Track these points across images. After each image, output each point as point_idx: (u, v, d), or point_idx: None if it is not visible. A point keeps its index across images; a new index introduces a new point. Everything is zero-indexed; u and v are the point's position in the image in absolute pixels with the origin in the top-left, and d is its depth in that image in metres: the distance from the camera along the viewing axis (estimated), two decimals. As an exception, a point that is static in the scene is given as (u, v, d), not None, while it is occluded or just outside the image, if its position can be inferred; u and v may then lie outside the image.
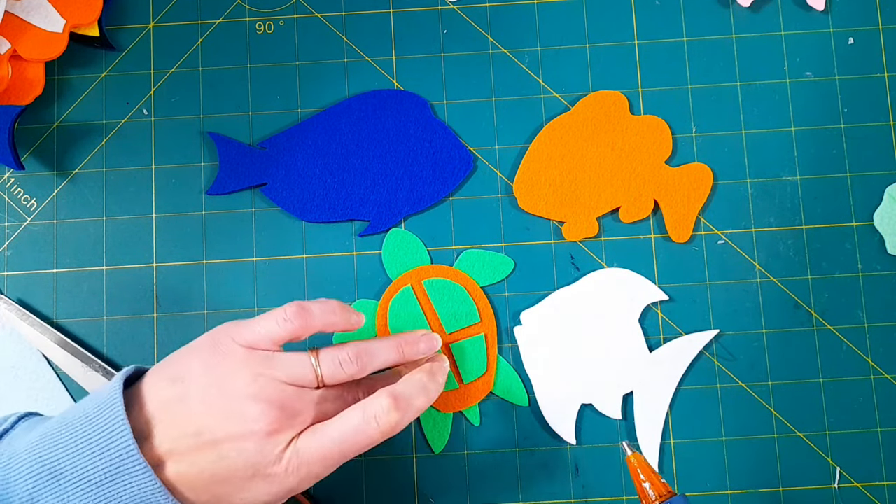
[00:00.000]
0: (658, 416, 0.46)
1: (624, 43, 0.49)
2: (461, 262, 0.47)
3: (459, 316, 0.46)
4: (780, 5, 0.49)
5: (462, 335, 0.46)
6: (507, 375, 0.46)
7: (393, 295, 0.46)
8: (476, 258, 0.47)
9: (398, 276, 0.47)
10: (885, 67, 0.48)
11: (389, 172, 0.47)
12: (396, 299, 0.46)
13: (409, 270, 0.47)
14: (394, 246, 0.47)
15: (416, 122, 0.48)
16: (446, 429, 0.46)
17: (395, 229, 0.47)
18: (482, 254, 0.47)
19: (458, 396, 0.46)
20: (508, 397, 0.46)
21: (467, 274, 0.47)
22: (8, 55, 0.46)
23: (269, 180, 0.47)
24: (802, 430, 0.46)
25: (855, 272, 0.47)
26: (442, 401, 0.46)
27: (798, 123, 0.48)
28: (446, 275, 0.46)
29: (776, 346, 0.46)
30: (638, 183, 0.47)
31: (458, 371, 0.46)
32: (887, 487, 0.46)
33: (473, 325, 0.46)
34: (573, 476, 0.46)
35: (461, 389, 0.46)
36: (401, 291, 0.46)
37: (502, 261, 0.47)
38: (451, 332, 0.46)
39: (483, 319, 0.46)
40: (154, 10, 0.49)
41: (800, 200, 0.47)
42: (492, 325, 0.46)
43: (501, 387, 0.46)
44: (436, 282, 0.46)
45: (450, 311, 0.46)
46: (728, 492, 0.46)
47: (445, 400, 0.46)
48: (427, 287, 0.46)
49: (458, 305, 0.46)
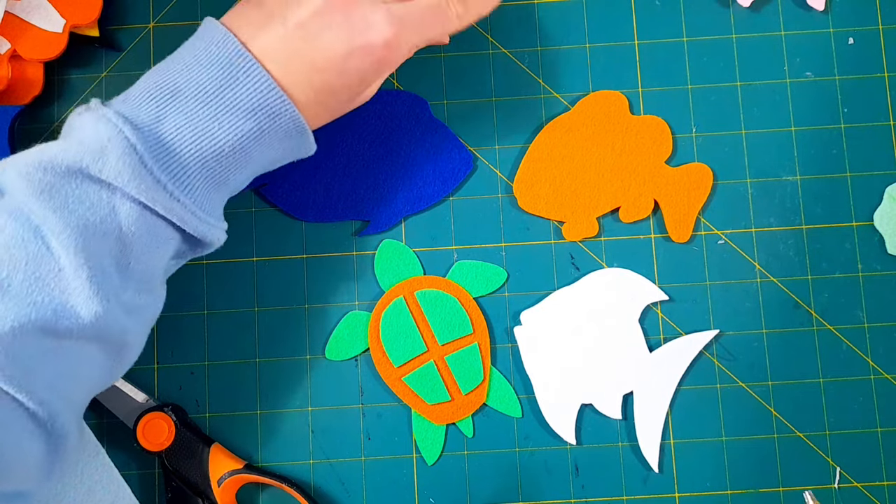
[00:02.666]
0: (658, 416, 0.46)
1: (624, 43, 0.49)
2: (454, 273, 0.47)
3: (452, 327, 0.46)
4: (780, 5, 0.49)
5: (455, 346, 0.46)
6: (500, 386, 0.46)
7: (385, 306, 0.46)
8: (469, 269, 0.47)
9: (390, 287, 0.47)
10: (885, 67, 0.48)
11: (389, 173, 0.47)
12: (389, 310, 0.46)
13: (401, 281, 0.47)
14: (386, 257, 0.47)
15: (417, 123, 0.48)
16: (439, 441, 0.46)
17: (387, 240, 0.47)
18: (475, 265, 0.47)
19: (452, 408, 0.46)
20: (502, 408, 0.46)
21: (460, 285, 0.47)
22: (8, 55, 0.46)
23: (270, 181, 0.47)
24: (802, 430, 0.46)
25: (855, 272, 0.47)
26: (435, 413, 0.46)
27: (798, 123, 0.48)
28: (439, 286, 0.46)
29: (776, 346, 0.46)
30: (638, 183, 0.47)
31: (453, 383, 0.46)
32: (887, 488, 0.46)
33: (466, 336, 0.46)
34: (573, 476, 0.46)
35: (455, 401, 0.46)
36: (393, 303, 0.46)
37: (495, 271, 0.47)
38: (444, 344, 0.46)
39: (476, 330, 0.46)
40: (154, 10, 0.49)
41: (800, 200, 0.47)
42: (485, 335, 0.46)
43: (495, 398, 0.46)
44: (428, 293, 0.46)
45: (442, 323, 0.46)
46: (728, 492, 0.46)
47: (439, 412, 0.46)
48: (419, 298, 0.46)
49: (451, 316, 0.46)
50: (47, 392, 0.33)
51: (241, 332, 0.47)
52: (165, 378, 0.47)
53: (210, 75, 0.36)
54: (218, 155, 0.36)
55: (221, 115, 0.36)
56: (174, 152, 0.35)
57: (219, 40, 0.36)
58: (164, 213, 0.35)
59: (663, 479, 0.46)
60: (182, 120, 0.35)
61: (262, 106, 0.36)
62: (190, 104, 0.36)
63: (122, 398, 0.45)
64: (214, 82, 0.36)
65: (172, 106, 0.35)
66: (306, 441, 0.46)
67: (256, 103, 0.36)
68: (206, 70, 0.36)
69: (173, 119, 0.35)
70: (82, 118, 0.35)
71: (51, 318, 0.33)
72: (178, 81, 0.36)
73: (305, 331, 0.47)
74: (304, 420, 0.46)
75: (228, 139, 0.36)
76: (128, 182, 0.34)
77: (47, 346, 0.33)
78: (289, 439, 0.46)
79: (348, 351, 0.47)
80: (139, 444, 0.44)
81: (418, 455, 0.46)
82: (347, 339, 0.47)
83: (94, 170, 0.34)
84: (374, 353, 0.46)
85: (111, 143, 0.34)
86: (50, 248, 0.33)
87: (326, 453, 0.46)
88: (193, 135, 0.35)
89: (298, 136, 0.38)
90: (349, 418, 0.46)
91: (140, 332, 0.37)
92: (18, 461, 0.33)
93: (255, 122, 0.36)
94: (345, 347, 0.47)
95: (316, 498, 0.46)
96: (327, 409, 0.46)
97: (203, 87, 0.36)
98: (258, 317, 0.47)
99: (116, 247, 0.35)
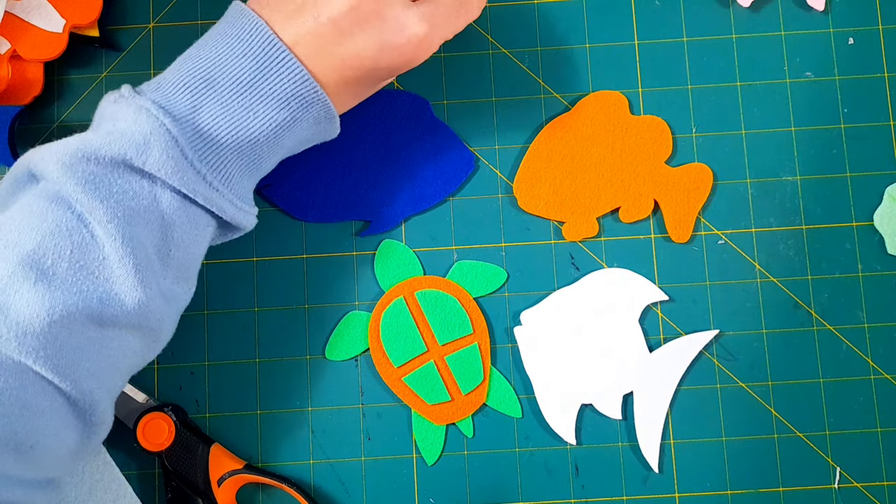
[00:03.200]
0: (658, 416, 0.46)
1: (624, 43, 0.49)
2: (454, 273, 0.47)
3: (452, 327, 0.46)
4: (780, 5, 0.49)
5: (455, 346, 0.46)
6: (500, 387, 0.46)
7: (385, 306, 0.46)
8: (469, 269, 0.47)
9: (390, 287, 0.47)
10: (885, 67, 0.48)
11: (391, 173, 0.47)
12: (389, 310, 0.46)
13: (401, 281, 0.47)
14: (386, 257, 0.47)
15: (418, 123, 0.48)
16: (439, 441, 0.46)
17: (387, 240, 0.47)
18: (475, 265, 0.47)
19: (452, 409, 0.46)
20: (501, 408, 0.46)
21: (460, 285, 0.47)
22: (8, 55, 0.46)
23: (272, 182, 0.47)
24: (802, 430, 0.46)
25: (855, 272, 0.47)
26: (435, 413, 0.46)
27: (798, 123, 0.48)
28: (439, 286, 0.46)
29: (776, 346, 0.46)
30: (638, 183, 0.47)
31: (453, 383, 0.46)
32: (887, 488, 0.46)
33: (466, 336, 0.46)
34: (573, 476, 0.46)
35: (455, 401, 0.46)
36: (393, 303, 0.46)
37: (495, 272, 0.47)
38: (444, 344, 0.46)
39: (476, 330, 0.46)
40: (154, 11, 0.49)
41: (800, 200, 0.47)
42: (485, 336, 0.46)
43: (495, 398, 0.46)
44: (428, 293, 0.46)
45: (442, 323, 0.46)
46: (728, 492, 0.46)
47: (438, 412, 0.46)
48: (419, 298, 0.46)
49: (451, 316, 0.46)
50: (90, 381, 0.34)
51: (241, 332, 0.47)
52: (165, 378, 0.47)
53: (244, 66, 0.36)
54: (253, 144, 0.37)
55: (256, 105, 0.36)
56: (212, 143, 0.36)
57: (251, 28, 0.36)
58: (203, 203, 0.36)
59: (663, 480, 0.46)
60: (218, 110, 0.36)
61: (295, 96, 0.37)
62: (225, 94, 0.36)
63: (122, 398, 0.45)
64: (249, 72, 0.36)
65: (208, 96, 0.36)
66: (306, 441, 0.46)
67: (290, 93, 0.36)
68: (240, 61, 0.36)
69: (209, 109, 0.36)
70: (119, 108, 0.35)
71: (96, 306, 0.33)
72: (212, 71, 0.36)
73: (305, 331, 0.47)
74: (304, 420, 0.46)
75: (263, 128, 0.37)
76: (171, 174, 0.34)
77: (91, 334, 0.33)
78: (289, 439, 0.46)
79: (348, 351, 0.47)
80: (139, 444, 0.44)
81: (418, 455, 0.46)
82: (347, 340, 0.47)
83: (137, 162, 0.34)
84: (374, 353, 0.46)
85: (154, 137, 0.34)
86: (95, 237, 0.33)
87: (326, 453, 0.46)
88: (230, 125, 0.36)
89: (327, 122, 0.39)
90: (349, 418, 0.46)
91: (174, 319, 0.38)
92: (55, 449, 0.33)
93: (289, 111, 0.37)
94: (345, 347, 0.47)
95: (316, 498, 0.46)
96: (327, 409, 0.46)
97: (237, 78, 0.36)
98: (258, 317, 0.47)
99: (158, 235, 0.35)
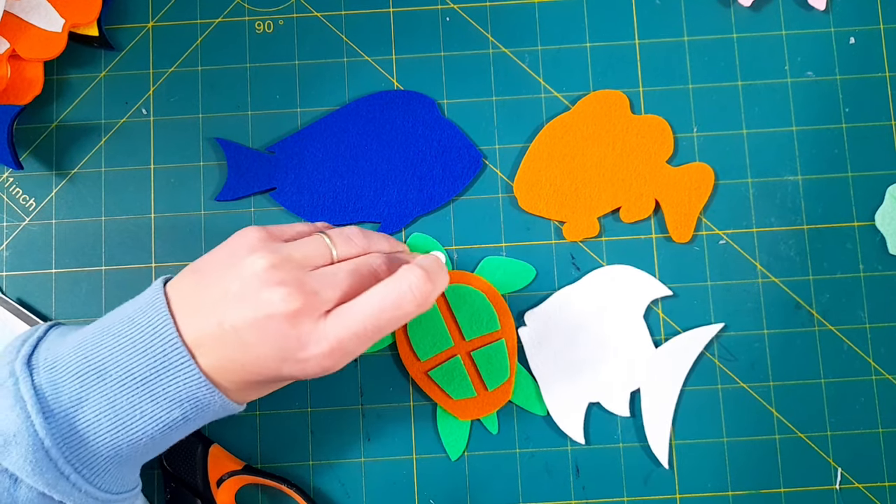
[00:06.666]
0: (666, 411, 0.45)
1: (624, 42, 0.48)
2: (482, 269, 0.47)
3: (479, 323, 0.46)
4: (780, 5, 0.49)
5: (481, 342, 0.46)
6: (526, 384, 0.46)
7: None
8: (497, 265, 0.47)
9: None
10: (887, 67, 0.48)
11: (399, 173, 0.47)
12: None
13: None
14: (414, 251, 0.47)
15: (424, 122, 0.48)
16: (463, 437, 0.46)
17: (416, 234, 0.47)
18: (503, 261, 0.47)
19: (477, 404, 0.45)
20: (527, 406, 0.46)
21: (488, 281, 0.46)
22: (7, 55, 0.46)
23: (279, 185, 0.47)
24: (804, 430, 0.46)
25: (856, 272, 0.47)
26: (460, 408, 0.45)
27: (799, 123, 0.48)
28: (467, 281, 0.46)
29: (777, 346, 0.46)
30: (639, 183, 0.47)
31: (480, 379, 0.46)
32: (888, 488, 0.45)
33: (493, 332, 0.46)
34: (573, 477, 0.46)
35: (480, 397, 0.45)
36: None
37: (524, 268, 0.47)
38: (471, 339, 0.46)
39: (503, 326, 0.46)
40: (153, 10, 0.49)
41: (801, 200, 0.47)
42: (512, 332, 0.46)
43: (520, 395, 0.46)
44: (456, 287, 0.46)
45: (469, 318, 0.46)
46: (729, 493, 0.45)
47: (464, 408, 0.45)
48: (447, 293, 0.46)
49: (478, 312, 0.46)
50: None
51: (241, 333, 0.47)
52: (165, 378, 0.47)
53: (140, 361, 0.35)
54: (134, 443, 0.36)
55: (145, 404, 0.35)
56: (86, 443, 0.35)
57: (156, 323, 0.35)
58: (63, 500, 0.35)
59: (664, 480, 0.46)
60: (104, 405, 0.35)
61: (189, 398, 0.36)
62: (115, 389, 0.35)
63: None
64: (144, 369, 0.35)
65: (96, 388, 0.35)
66: (306, 442, 0.46)
67: (185, 395, 0.35)
68: (137, 356, 0.35)
69: (94, 403, 0.35)
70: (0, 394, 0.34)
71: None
72: (107, 361, 0.35)
73: (305, 331, 0.47)
74: (303, 420, 0.46)
75: (148, 428, 0.35)
76: (29, 475, 0.34)
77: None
78: (289, 440, 0.46)
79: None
80: (138, 444, 0.44)
81: (418, 456, 0.46)
82: None
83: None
84: (400, 346, 0.46)
85: (17, 438, 0.33)
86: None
87: (326, 454, 0.46)
88: (111, 424, 0.35)
89: (225, 413, 0.38)
90: (349, 419, 0.46)
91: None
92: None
93: (181, 411, 0.36)
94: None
95: (316, 499, 0.45)
96: (327, 410, 0.46)
97: (130, 372, 0.35)
98: (258, 317, 0.47)
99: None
